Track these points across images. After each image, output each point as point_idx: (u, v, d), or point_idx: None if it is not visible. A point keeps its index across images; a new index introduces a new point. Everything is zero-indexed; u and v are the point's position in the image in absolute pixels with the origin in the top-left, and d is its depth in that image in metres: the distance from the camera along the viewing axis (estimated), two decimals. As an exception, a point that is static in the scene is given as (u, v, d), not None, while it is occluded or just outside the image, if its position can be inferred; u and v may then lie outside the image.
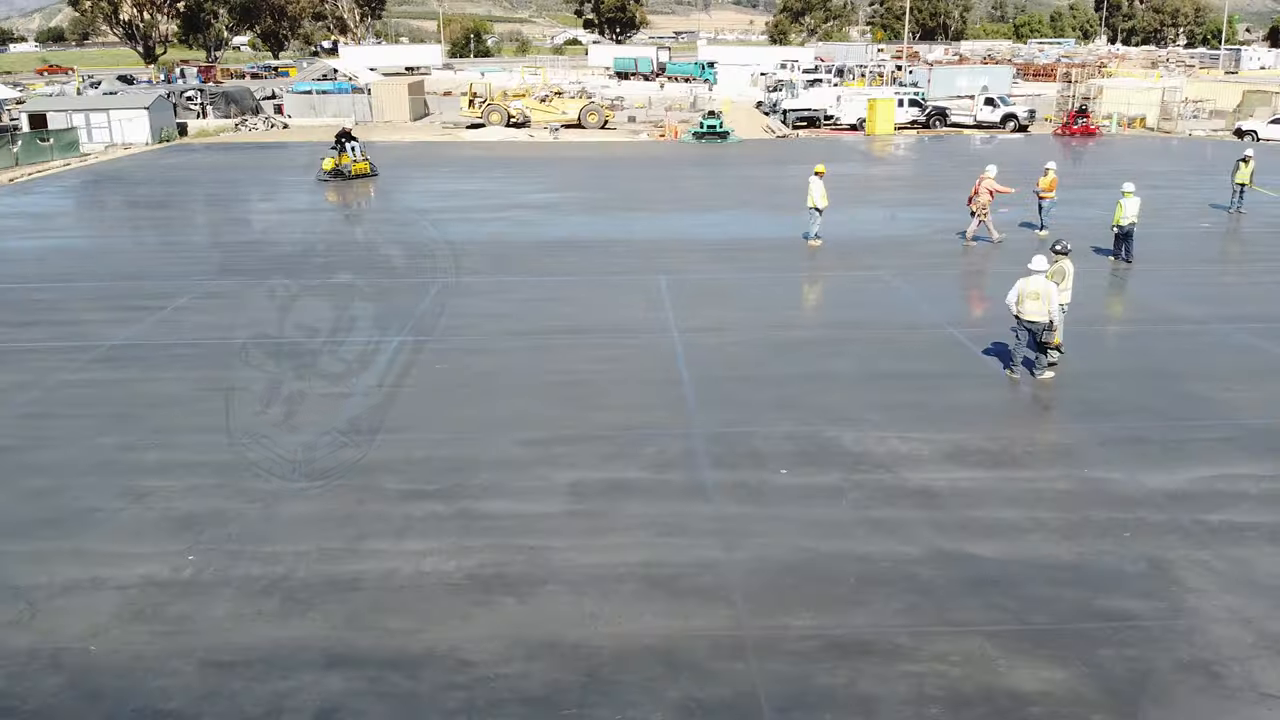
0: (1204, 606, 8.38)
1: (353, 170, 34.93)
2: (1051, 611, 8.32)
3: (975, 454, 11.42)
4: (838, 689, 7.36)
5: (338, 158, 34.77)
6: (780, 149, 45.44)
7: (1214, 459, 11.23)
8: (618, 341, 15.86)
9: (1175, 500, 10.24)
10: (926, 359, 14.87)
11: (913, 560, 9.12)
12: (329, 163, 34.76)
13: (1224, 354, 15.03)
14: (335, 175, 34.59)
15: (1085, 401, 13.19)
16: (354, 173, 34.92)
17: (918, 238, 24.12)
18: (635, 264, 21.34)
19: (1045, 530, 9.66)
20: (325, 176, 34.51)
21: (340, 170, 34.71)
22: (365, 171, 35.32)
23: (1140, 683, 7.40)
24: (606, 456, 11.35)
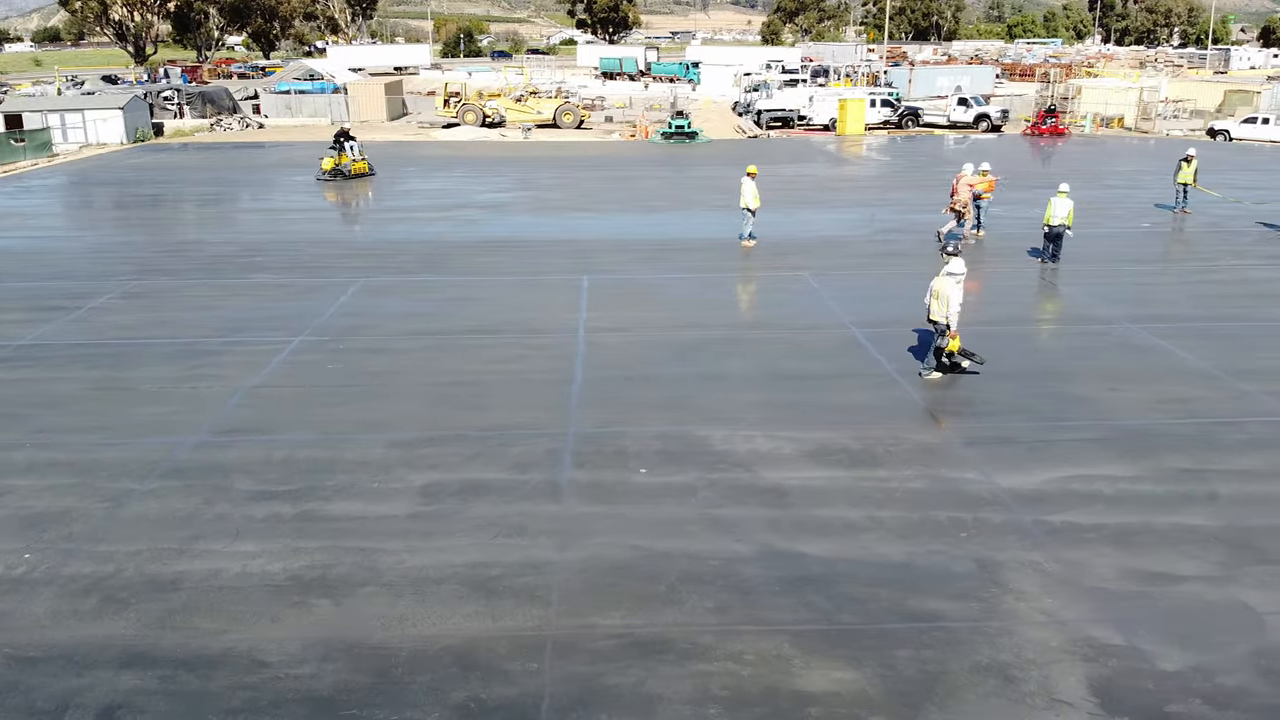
0: (1020, 609, 8.34)
1: (352, 170, 34.86)
2: (862, 611, 8.29)
3: (837, 453, 11.39)
4: (625, 689, 7.33)
5: (337, 157, 34.64)
6: (747, 149, 45.35)
7: (1077, 460, 11.19)
8: (522, 341, 15.83)
9: (1023, 501, 10.20)
10: (821, 359, 14.84)
11: (740, 559, 9.09)
12: (328, 162, 34.61)
13: (1122, 354, 14.98)
14: (335, 175, 34.47)
15: (965, 401, 13.17)
16: (353, 172, 34.85)
17: (854, 238, 24.08)
18: (565, 264, 21.31)
19: (882, 530, 9.63)
20: (325, 176, 34.37)
21: (340, 170, 34.63)
22: (364, 171, 35.30)
23: (930, 685, 7.36)
24: (469, 458, 11.32)
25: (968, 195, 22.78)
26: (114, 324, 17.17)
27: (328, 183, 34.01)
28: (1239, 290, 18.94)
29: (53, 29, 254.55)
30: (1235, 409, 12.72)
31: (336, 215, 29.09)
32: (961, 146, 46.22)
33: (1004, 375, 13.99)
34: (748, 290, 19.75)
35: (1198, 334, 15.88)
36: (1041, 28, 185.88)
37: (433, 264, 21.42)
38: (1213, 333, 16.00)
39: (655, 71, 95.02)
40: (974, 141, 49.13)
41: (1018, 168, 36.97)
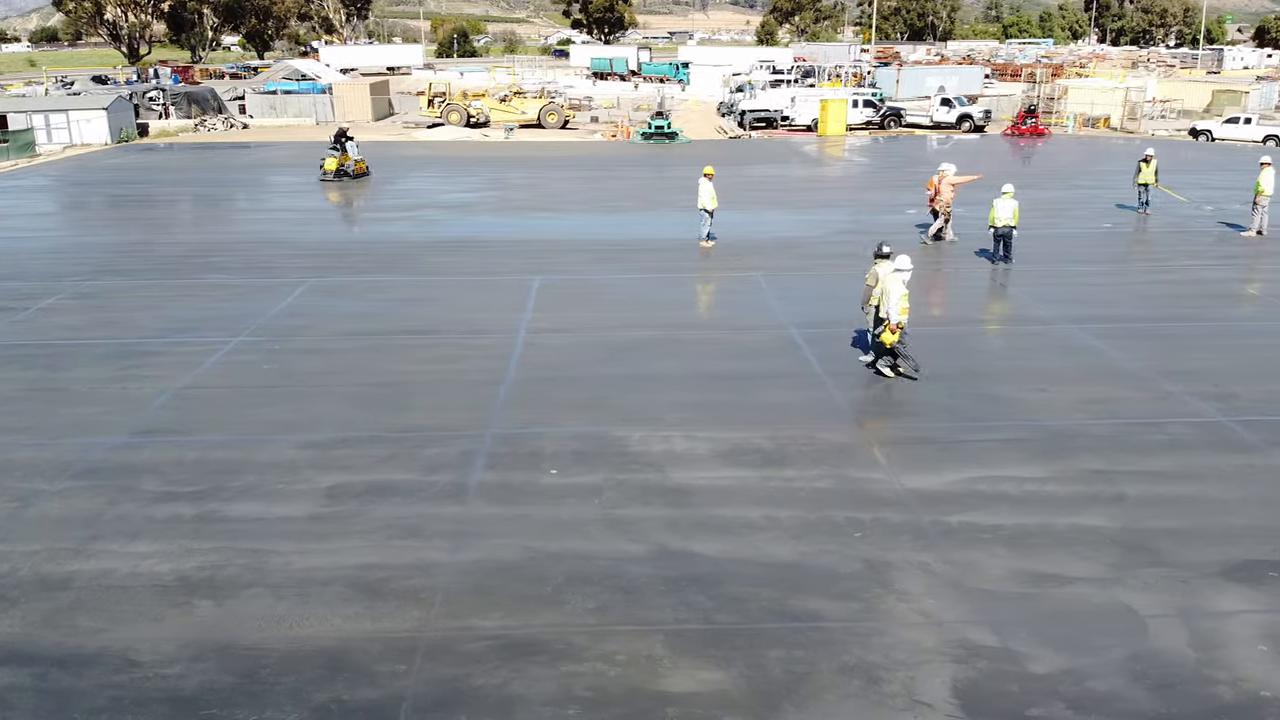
0: (899, 610, 8.34)
1: (354, 170, 34.78)
2: (741, 611, 8.29)
3: (750, 453, 11.39)
4: (489, 690, 7.33)
5: (340, 157, 34.43)
6: (726, 150, 45.38)
7: (988, 461, 11.19)
8: (461, 342, 15.84)
9: (925, 502, 10.20)
10: (753, 359, 14.84)
11: (630, 559, 9.09)
12: (332, 163, 34.34)
13: (1055, 355, 14.97)
14: (340, 175, 34.27)
15: (889, 402, 13.17)
16: (355, 172, 34.78)
17: (812, 239, 24.09)
18: (519, 264, 21.32)
19: (778, 529, 9.63)
20: (328, 177, 34.13)
21: (344, 169, 34.46)
22: (363, 171, 35.23)
23: (793, 686, 7.36)
24: (382, 459, 11.32)
25: (949, 194, 22.80)
26: (59, 325, 17.17)
27: (330, 183, 33.82)
28: (1188, 290, 18.95)
29: (50, 29, 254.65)
30: (1158, 410, 12.71)
31: (298, 216, 29.07)
32: (945, 146, 46.19)
33: (933, 376, 13.98)
34: (696, 291, 19.74)
35: (1136, 334, 15.88)
36: (1037, 28, 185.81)
37: (387, 264, 21.43)
38: (1152, 333, 16.00)
39: (645, 72, 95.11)
40: (956, 142, 49.12)
41: (992, 168, 36.87)
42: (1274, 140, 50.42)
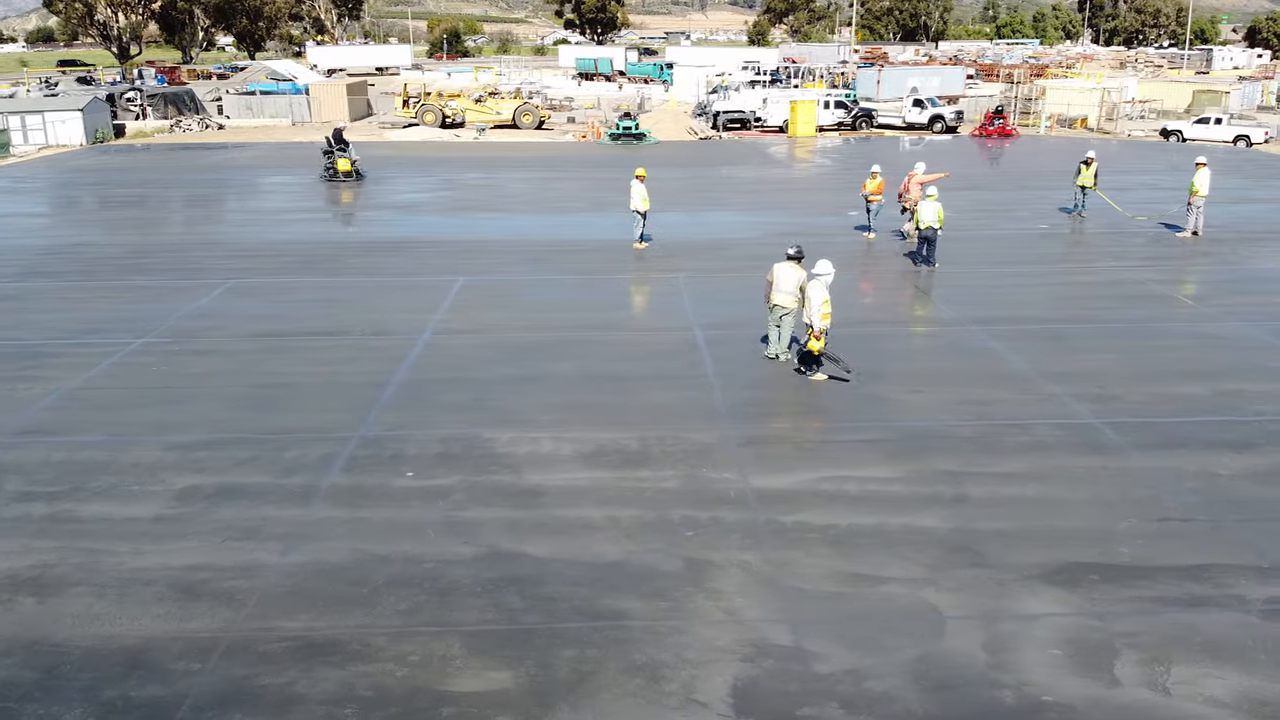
0: (705, 608, 8.42)
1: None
2: (549, 611, 8.36)
3: (613, 454, 11.47)
4: (271, 690, 7.41)
5: (350, 157, 34.59)
6: (693, 151, 45.48)
7: (844, 461, 11.27)
8: (361, 344, 15.90)
9: (767, 501, 10.28)
10: (649, 360, 14.92)
11: (457, 561, 9.17)
12: (344, 164, 34.39)
13: (947, 356, 15.05)
14: (353, 175, 34.32)
15: (763, 403, 13.25)
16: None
17: (746, 240, 24.15)
18: (447, 265, 21.42)
19: (615, 529, 9.71)
20: (342, 177, 34.21)
21: (357, 170, 34.65)
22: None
23: (576, 685, 7.44)
24: (243, 461, 11.40)
25: (917, 193, 22.92)
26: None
27: (343, 183, 33.84)
28: (1104, 291, 19.00)
29: (48, 30, 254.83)
30: (1031, 411, 12.77)
31: (243, 217, 29.17)
32: (918, 147, 46.23)
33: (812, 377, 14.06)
34: (616, 292, 19.78)
35: (1035, 336, 15.94)
36: (1031, 28, 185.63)
37: (313, 265, 21.52)
38: (1051, 334, 16.06)
39: (631, 72, 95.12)
40: (928, 143, 49.16)
41: (953, 168, 36.90)
42: (1244, 141, 50.54)
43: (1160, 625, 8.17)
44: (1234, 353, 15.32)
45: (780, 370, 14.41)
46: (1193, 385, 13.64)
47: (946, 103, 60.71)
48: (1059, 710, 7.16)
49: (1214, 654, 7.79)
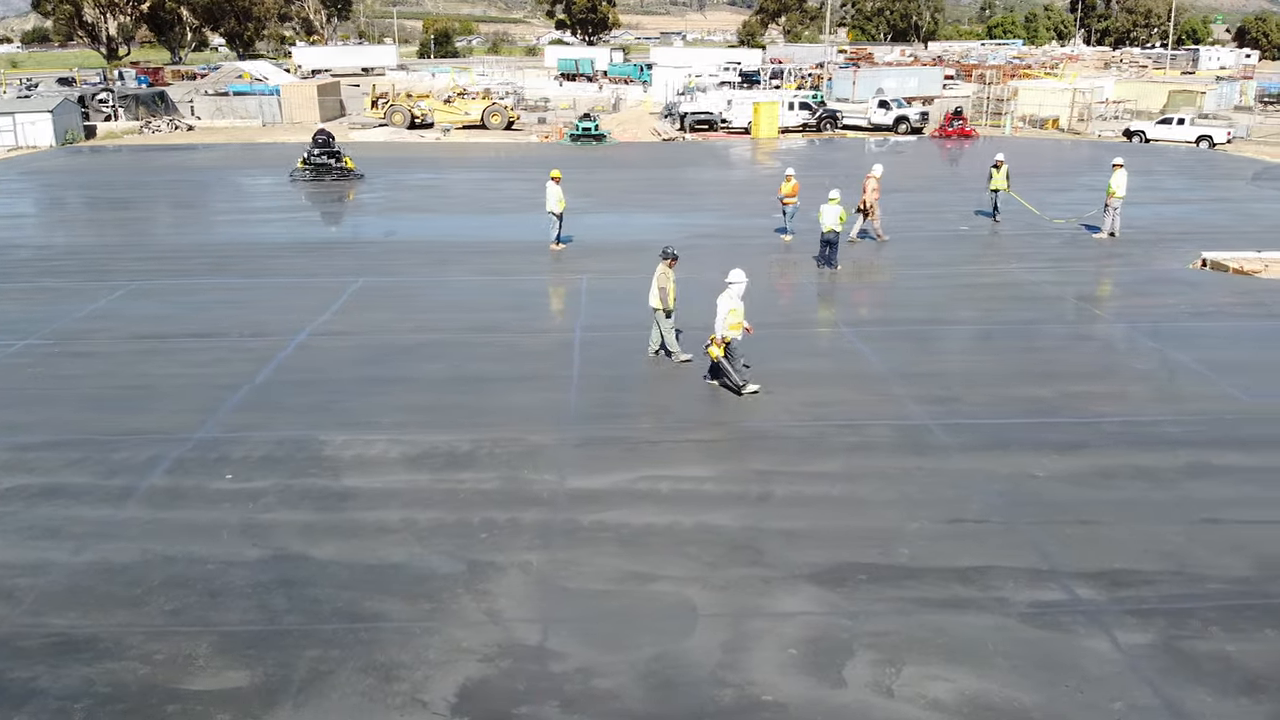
0: (467, 609, 8.53)
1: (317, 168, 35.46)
2: (312, 613, 8.47)
3: (439, 456, 11.58)
4: (15, 683, 7.53)
5: (345, 158, 35.55)
6: (650, 152, 45.59)
7: (665, 461, 11.37)
8: (237, 345, 16.00)
9: (576, 501, 10.40)
10: (521, 361, 15.04)
11: (240, 562, 9.28)
12: (349, 162, 35.53)
13: (808, 358, 15.16)
14: (353, 174, 35.18)
15: (615, 404, 13.33)
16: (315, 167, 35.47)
17: (665, 242, 24.12)
18: (351, 266, 21.57)
19: (412, 530, 9.83)
20: (358, 173, 35.31)
21: (354, 170, 35.51)
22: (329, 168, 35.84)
23: (306, 685, 7.55)
24: (73, 462, 11.52)
25: (872, 196, 23.14)
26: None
27: (316, 182, 34.34)
28: (996, 293, 19.11)
29: (44, 30, 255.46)
30: (868, 412, 12.87)
31: (177, 217, 29.33)
32: (883, 149, 46.32)
33: (673, 377, 14.19)
34: (515, 293, 19.82)
35: (904, 336, 16.05)
36: (1022, 29, 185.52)
37: (224, 267, 21.66)
38: (922, 335, 16.17)
39: (612, 73, 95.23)
40: (892, 144, 49.25)
41: (902, 169, 37.07)
42: (1206, 141, 50.59)
43: (909, 626, 8.27)
44: (1102, 354, 15.43)
45: (648, 372, 14.53)
46: (1042, 387, 13.73)
47: (919, 103, 60.81)
48: (773, 710, 7.27)
49: (952, 656, 7.89)
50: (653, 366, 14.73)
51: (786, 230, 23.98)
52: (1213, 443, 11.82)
